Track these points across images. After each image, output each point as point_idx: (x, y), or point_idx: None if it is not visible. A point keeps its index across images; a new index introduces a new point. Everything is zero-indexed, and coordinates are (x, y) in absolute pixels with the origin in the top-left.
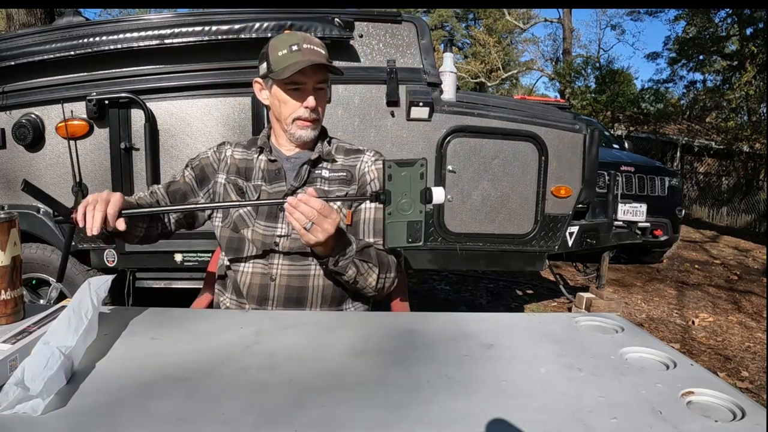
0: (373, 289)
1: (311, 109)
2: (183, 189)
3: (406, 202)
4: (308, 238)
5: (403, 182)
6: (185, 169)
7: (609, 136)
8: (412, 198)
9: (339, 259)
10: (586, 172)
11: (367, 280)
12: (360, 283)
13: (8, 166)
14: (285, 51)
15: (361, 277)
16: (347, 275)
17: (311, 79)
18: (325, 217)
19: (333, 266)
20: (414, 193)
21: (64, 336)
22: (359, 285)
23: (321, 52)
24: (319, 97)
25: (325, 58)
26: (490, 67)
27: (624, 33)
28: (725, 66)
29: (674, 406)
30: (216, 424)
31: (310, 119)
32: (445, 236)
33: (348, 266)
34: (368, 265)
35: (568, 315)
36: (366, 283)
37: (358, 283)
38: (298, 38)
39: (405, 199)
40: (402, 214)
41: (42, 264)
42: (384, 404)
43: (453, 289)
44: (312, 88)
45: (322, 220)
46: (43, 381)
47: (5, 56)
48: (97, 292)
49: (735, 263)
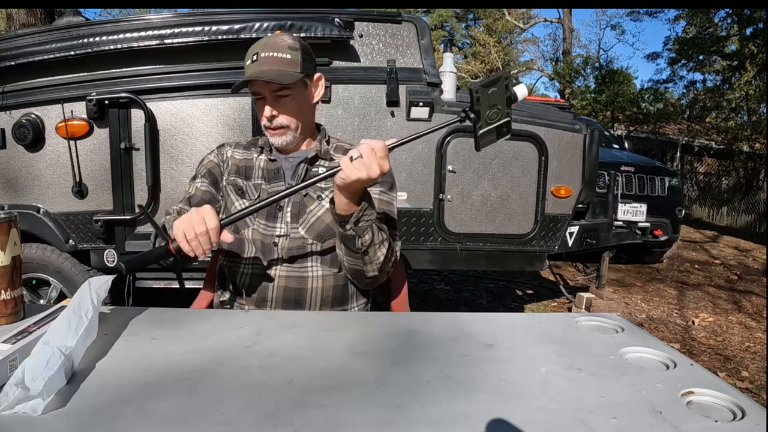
0: (377, 267)
1: (269, 118)
2: (206, 199)
3: (494, 112)
4: (347, 173)
5: (490, 98)
6: (196, 180)
7: (609, 136)
8: (500, 107)
9: (362, 217)
10: (586, 172)
11: (376, 253)
12: (369, 255)
13: (8, 166)
14: (249, 61)
15: (372, 249)
16: (363, 239)
17: (265, 88)
18: (376, 158)
19: (353, 224)
20: (501, 102)
21: (64, 336)
22: (368, 257)
23: (281, 58)
24: (281, 105)
25: (287, 63)
26: (490, 67)
27: (624, 33)
28: (725, 66)
29: (674, 406)
30: (216, 424)
31: (273, 127)
32: (445, 236)
33: (367, 230)
34: (383, 236)
35: (568, 315)
36: (374, 257)
37: (368, 254)
38: (260, 47)
39: (493, 110)
40: (490, 122)
41: (42, 264)
42: (384, 404)
43: (453, 289)
44: (271, 98)
45: (372, 158)
46: (43, 381)
47: (5, 56)
48: (98, 292)
49: (735, 263)
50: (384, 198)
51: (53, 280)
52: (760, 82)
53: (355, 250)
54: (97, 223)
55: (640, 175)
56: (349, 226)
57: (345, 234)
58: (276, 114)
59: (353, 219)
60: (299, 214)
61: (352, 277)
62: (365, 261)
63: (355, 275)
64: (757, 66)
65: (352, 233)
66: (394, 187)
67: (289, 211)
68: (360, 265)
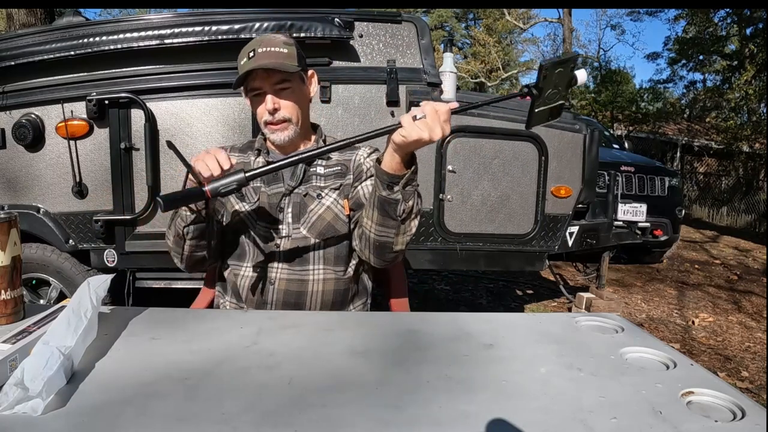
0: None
1: (271, 111)
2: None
3: (554, 93)
4: (409, 131)
5: (555, 78)
6: None
7: (609, 136)
8: (560, 88)
9: (412, 179)
10: (586, 172)
11: (411, 223)
12: (405, 224)
13: (8, 166)
14: (244, 60)
15: (409, 218)
16: (407, 204)
17: (266, 82)
18: (439, 120)
19: (402, 187)
20: (562, 83)
21: (63, 336)
22: (403, 226)
23: (278, 52)
24: (283, 96)
25: (284, 57)
26: (490, 67)
27: (624, 33)
28: (725, 66)
29: (674, 406)
30: (216, 424)
31: (276, 121)
32: (445, 236)
33: (413, 195)
34: (420, 209)
35: (568, 315)
36: (408, 228)
37: (404, 223)
38: (255, 44)
39: (554, 90)
40: (548, 102)
41: (42, 264)
42: (384, 404)
43: (453, 289)
44: (272, 90)
45: (436, 119)
46: (43, 381)
47: (5, 56)
48: (97, 291)
49: (735, 263)
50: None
51: (53, 280)
52: (760, 82)
53: (395, 217)
54: (97, 223)
55: (640, 175)
56: (397, 188)
57: (389, 198)
58: (278, 106)
59: (403, 181)
60: (300, 213)
61: (375, 250)
62: (399, 231)
63: (379, 248)
64: (756, 66)
65: (398, 197)
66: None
67: (290, 212)
68: (392, 235)
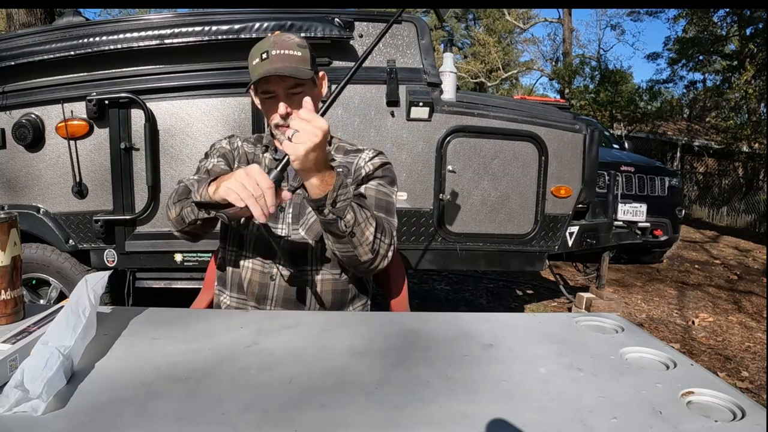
0: (369, 247)
1: (284, 116)
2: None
3: None
4: (295, 151)
5: None
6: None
7: (609, 136)
8: None
9: (337, 197)
10: (586, 172)
11: (364, 233)
12: (357, 236)
13: (8, 166)
14: (257, 60)
15: (358, 228)
16: (345, 220)
17: (279, 86)
18: (308, 122)
19: (330, 206)
20: None
21: (62, 336)
22: (356, 239)
23: (293, 55)
24: (295, 102)
25: (298, 60)
26: (489, 67)
27: (624, 33)
28: (725, 66)
29: (674, 406)
30: (216, 424)
31: (287, 125)
32: (445, 236)
33: (347, 209)
34: (366, 214)
35: (568, 315)
36: (363, 238)
37: (355, 236)
38: (269, 44)
39: None
40: None
41: (42, 264)
42: (384, 404)
43: (453, 289)
44: (284, 95)
45: (305, 124)
46: (43, 382)
47: (5, 56)
48: (94, 289)
49: (735, 263)
50: (382, 189)
51: (53, 280)
52: (760, 82)
53: (341, 234)
54: (97, 223)
55: (640, 175)
56: (327, 210)
57: (326, 220)
58: (290, 111)
59: (329, 201)
60: (300, 215)
61: (349, 266)
62: (354, 244)
63: (351, 263)
64: (756, 66)
65: (332, 216)
66: (394, 182)
67: (290, 212)
68: (351, 249)
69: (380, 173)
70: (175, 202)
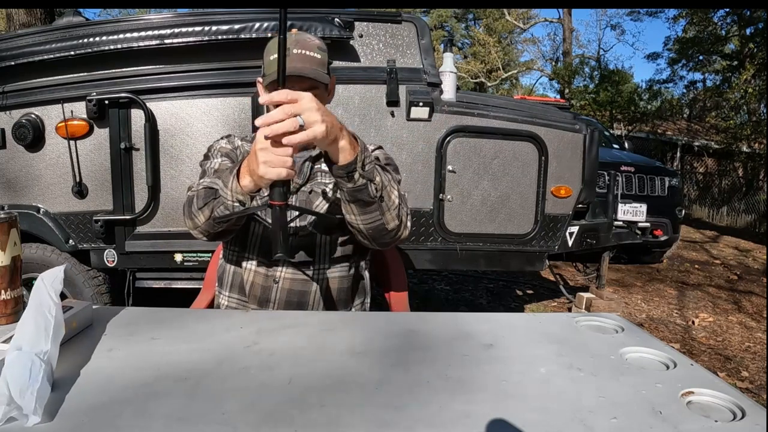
0: (396, 212)
1: None
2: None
3: None
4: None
5: None
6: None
7: (609, 136)
8: None
9: (365, 159)
10: (586, 172)
11: (390, 197)
12: (385, 200)
13: (8, 166)
14: (275, 55)
15: (386, 192)
16: (376, 182)
17: (296, 85)
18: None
19: (361, 170)
20: None
21: (36, 340)
22: (384, 203)
23: (313, 57)
24: None
25: (318, 63)
26: (489, 67)
27: (624, 33)
28: (725, 66)
29: (674, 406)
30: (216, 424)
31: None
32: (445, 236)
33: (375, 171)
34: (389, 176)
35: (568, 315)
36: (390, 202)
37: (383, 200)
38: (290, 42)
39: None
40: None
41: (42, 264)
42: (384, 404)
43: (453, 289)
44: None
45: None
46: (33, 396)
47: (5, 56)
48: (53, 286)
49: (735, 263)
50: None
51: None
52: (760, 81)
53: (371, 199)
54: (97, 223)
55: (640, 175)
56: (357, 174)
57: (357, 187)
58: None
59: (359, 163)
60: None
61: (373, 238)
62: (383, 209)
63: (377, 233)
64: (756, 65)
65: (363, 181)
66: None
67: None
68: (379, 217)
69: (384, 162)
70: (201, 207)
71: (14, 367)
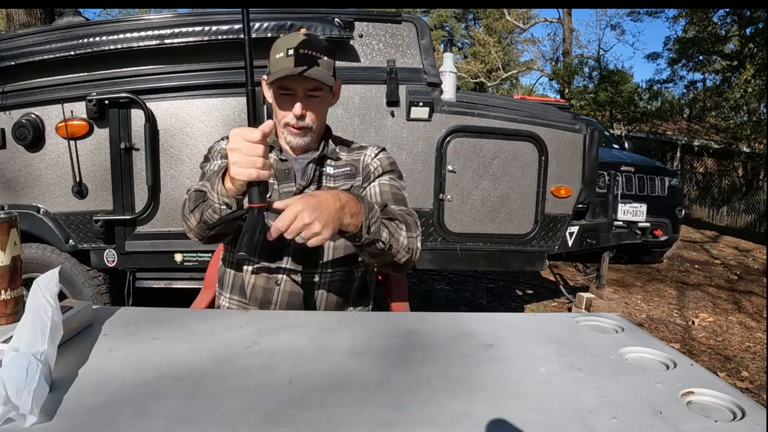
0: (405, 249)
1: (298, 116)
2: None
3: None
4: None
5: None
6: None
7: (609, 136)
8: None
9: (371, 224)
10: (586, 172)
11: (399, 240)
12: (394, 246)
13: (8, 166)
14: (282, 54)
15: (393, 239)
16: (383, 238)
17: (301, 86)
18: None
19: (367, 234)
20: None
21: (33, 341)
22: (393, 250)
23: (320, 59)
24: (311, 105)
25: (324, 65)
26: (489, 67)
27: (624, 33)
28: (725, 66)
29: (674, 406)
30: (216, 424)
31: (298, 126)
32: (445, 236)
33: (380, 229)
34: (395, 223)
35: (568, 315)
36: (399, 245)
37: (392, 247)
38: (298, 41)
39: None
40: None
41: (42, 264)
42: (384, 404)
43: (453, 289)
44: (303, 96)
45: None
46: (30, 396)
47: (5, 56)
48: (48, 289)
49: (735, 263)
50: (394, 184)
51: None
52: (760, 81)
53: (380, 251)
54: (97, 223)
55: (640, 175)
56: (364, 238)
57: (364, 246)
58: (305, 113)
59: (364, 230)
60: None
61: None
62: (392, 254)
63: (388, 267)
64: (756, 65)
65: (368, 240)
66: (401, 177)
67: None
68: (389, 258)
69: (389, 168)
70: (192, 209)
71: (11, 368)
